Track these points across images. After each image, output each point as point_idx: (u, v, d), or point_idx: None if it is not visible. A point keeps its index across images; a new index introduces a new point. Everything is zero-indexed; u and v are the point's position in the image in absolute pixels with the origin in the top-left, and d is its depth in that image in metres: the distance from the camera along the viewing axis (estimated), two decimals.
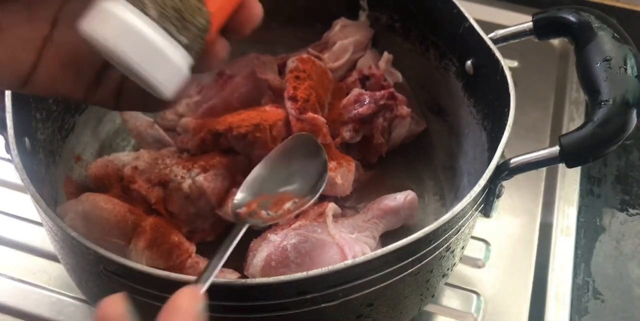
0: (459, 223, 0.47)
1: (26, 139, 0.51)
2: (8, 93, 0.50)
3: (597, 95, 0.48)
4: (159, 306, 0.44)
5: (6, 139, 0.48)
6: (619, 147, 0.47)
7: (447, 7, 0.60)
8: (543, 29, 0.55)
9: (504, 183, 0.50)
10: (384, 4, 0.71)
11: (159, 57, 0.33)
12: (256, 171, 0.54)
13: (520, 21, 0.56)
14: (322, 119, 0.61)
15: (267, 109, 0.63)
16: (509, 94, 0.51)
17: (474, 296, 0.63)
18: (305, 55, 0.68)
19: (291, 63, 0.66)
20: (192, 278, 0.40)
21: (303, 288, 0.42)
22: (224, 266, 0.57)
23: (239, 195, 0.52)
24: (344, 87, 0.69)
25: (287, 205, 0.52)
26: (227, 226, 0.61)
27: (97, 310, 0.34)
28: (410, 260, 0.45)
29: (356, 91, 0.66)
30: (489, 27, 0.57)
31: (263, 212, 0.50)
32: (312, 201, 0.53)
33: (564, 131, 0.77)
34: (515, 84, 0.52)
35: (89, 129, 0.67)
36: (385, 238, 0.61)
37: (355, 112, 0.64)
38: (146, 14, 0.33)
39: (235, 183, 0.60)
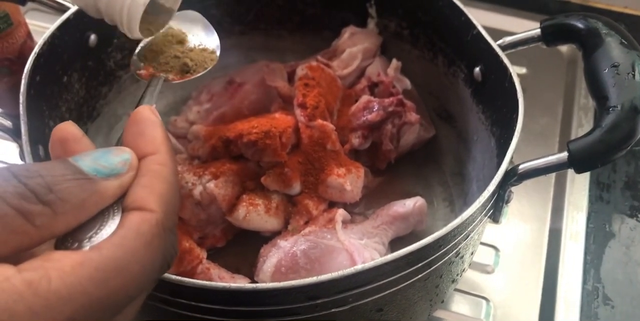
0: (468, 229, 0.47)
1: (40, 147, 0.51)
2: (22, 101, 0.51)
3: (605, 101, 0.48)
4: (171, 311, 0.44)
5: (20, 147, 0.49)
6: (628, 153, 0.47)
7: (455, 15, 0.61)
8: (551, 35, 0.55)
9: (513, 189, 0.50)
10: (392, 12, 0.71)
11: None
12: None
13: (528, 28, 0.56)
14: (331, 126, 0.62)
15: (277, 116, 0.63)
16: (517, 100, 0.52)
17: (484, 302, 0.63)
18: (314, 63, 0.68)
19: (300, 70, 0.67)
20: (204, 282, 0.41)
21: (313, 293, 0.42)
22: (237, 272, 0.58)
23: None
24: (352, 94, 0.69)
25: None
26: (238, 232, 0.61)
27: (52, 133, 0.32)
28: (419, 265, 0.45)
29: (365, 98, 0.67)
30: (497, 34, 0.57)
31: (162, 74, 0.50)
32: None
33: (572, 137, 0.77)
34: (524, 91, 0.52)
35: (101, 136, 0.68)
36: (394, 244, 0.61)
37: (364, 118, 0.65)
38: None
39: (246, 189, 0.61)
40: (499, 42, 0.57)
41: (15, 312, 0.23)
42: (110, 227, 0.29)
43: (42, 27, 0.82)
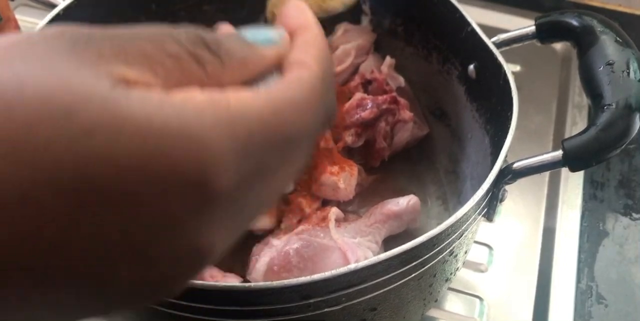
0: (462, 228, 0.47)
1: None
2: None
3: (600, 99, 0.48)
4: (161, 311, 0.44)
5: None
6: (622, 151, 0.47)
7: (449, 12, 0.60)
8: (546, 32, 0.55)
9: (507, 187, 0.50)
10: (386, 9, 0.71)
11: None
12: None
13: (523, 25, 0.56)
14: None
15: None
16: (511, 98, 0.51)
17: (477, 301, 0.63)
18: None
19: None
20: (195, 281, 0.40)
21: (306, 292, 0.42)
22: (229, 271, 0.58)
23: None
24: (346, 91, 0.69)
25: None
26: None
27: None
28: (413, 264, 0.45)
29: (358, 95, 0.66)
30: (491, 31, 0.57)
31: None
32: None
33: (566, 135, 0.77)
34: (518, 88, 0.52)
35: None
36: (388, 242, 0.61)
37: (358, 116, 0.64)
38: None
39: None
40: (494, 39, 0.56)
41: (201, 125, 0.23)
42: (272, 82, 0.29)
43: (32, 23, 0.81)
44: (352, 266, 0.41)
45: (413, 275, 0.46)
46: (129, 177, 0.20)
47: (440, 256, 0.47)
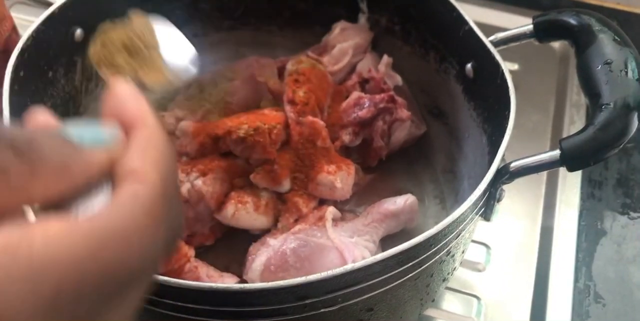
0: (460, 227, 0.47)
1: None
2: (5, 97, 0.50)
3: (598, 99, 0.47)
4: (157, 312, 0.43)
5: None
6: (620, 150, 0.47)
7: (447, 10, 0.60)
8: (544, 31, 0.55)
9: (505, 186, 0.50)
10: (383, 7, 0.70)
11: None
12: None
13: (521, 24, 0.56)
14: (322, 123, 0.61)
15: (267, 112, 0.62)
16: (509, 97, 0.51)
17: (475, 300, 0.63)
18: (304, 58, 0.67)
19: (291, 66, 0.66)
20: (190, 283, 0.40)
21: (302, 293, 0.41)
22: (226, 271, 0.58)
23: None
24: (343, 90, 0.68)
25: None
26: (227, 230, 0.61)
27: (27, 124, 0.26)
28: (410, 264, 0.44)
29: (356, 94, 0.66)
30: (489, 30, 0.57)
31: None
32: None
33: (564, 134, 0.76)
34: (516, 87, 0.52)
35: None
36: (385, 242, 0.61)
37: (355, 115, 0.64)
38: None
39: (234, 187, 0.60)
40: (491, 38, 0.56)
41: None
42: (101, 200, 0.24)
43: (28, 21, 0.80)
44: (349, 266, 0.40)
45: (410, 275, 0.46)
46: None
47: (438, 256, 0.47)
